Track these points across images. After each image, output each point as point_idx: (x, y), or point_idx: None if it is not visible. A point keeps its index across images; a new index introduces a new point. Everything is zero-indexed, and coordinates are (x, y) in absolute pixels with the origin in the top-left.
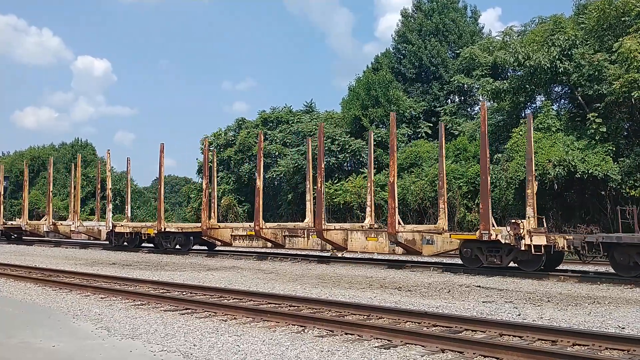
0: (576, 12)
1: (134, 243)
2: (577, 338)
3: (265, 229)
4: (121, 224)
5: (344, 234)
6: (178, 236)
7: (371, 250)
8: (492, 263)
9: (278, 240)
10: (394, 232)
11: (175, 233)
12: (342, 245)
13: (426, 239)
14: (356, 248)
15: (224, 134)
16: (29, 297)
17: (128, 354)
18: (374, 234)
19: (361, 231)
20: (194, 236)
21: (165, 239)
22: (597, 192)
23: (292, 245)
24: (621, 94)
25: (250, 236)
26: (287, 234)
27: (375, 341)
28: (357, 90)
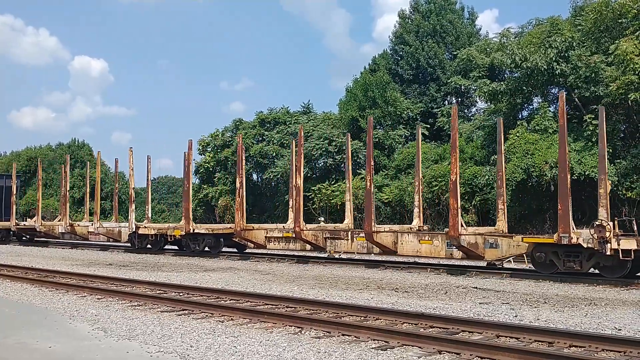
0: (573, 14)
1: (159, 245)
2: (574, 339)
3: (306, 230)
4: (145, 225)
5: (394, 237)
6: (207, 238)
7: (425, 254)
8: (571, 269)
9: (319, 242)
10: (456, 235)
11: (205, 234)
12: (391, 249)
13: (489, 242)
14: (407, 252)
15: (221, 135)
16: (25, 298)
17: (125, 355)
18: (428, 237)
19: (413, 233)
20: (224, 238)
21: (193, 241)
22: (593, 194)
23: (334, 248)
24: (618, 96)
25: (287, 238)
26: (328, 236)
27: (372, 342)
28: (355, 92)
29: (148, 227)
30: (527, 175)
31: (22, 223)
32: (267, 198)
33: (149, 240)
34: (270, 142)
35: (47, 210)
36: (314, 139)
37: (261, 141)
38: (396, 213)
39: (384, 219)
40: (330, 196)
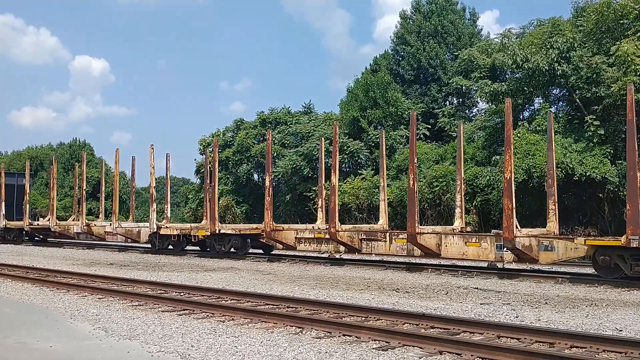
0: (574, 14)
1: (181, 246)
2: (575, 340)
3: (341, 231)
4: (166, 225)
5: (437, 238)
6: (234, 238)
7: (471, 257)
8: (638, 273)
9: (354, 244)
10: (511, 237)
11: (231, 235)
12: (435, 251)
13: (544, 244)
14: (452, 254)
15: (222, 135)
16: (26, 298)
17: (126, 355)
18: (475, 239)
19: (459, 235)
20: (251, 238)
21: (219, 242)
22: (594, 195)
23: (370, 249)
24: (619, 97)
25: (319, 239)
26: (364, 237)
27: (373, 343)
28: (356, 92)
29: (170, 227)
30: (528, 175)
31: (36, 223)
32: None
33: (171, 241)
34: (272, 142)
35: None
36: (315, 139)
37: (262, 141)
38: (397, 213)
39: None
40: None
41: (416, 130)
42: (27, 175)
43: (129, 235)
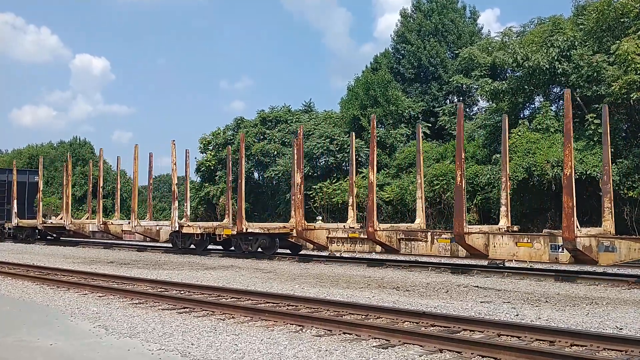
0: (575, 13)
1: (204, 245)
2: (575, 338)
3: (380, 230)
4: (189, 224)
5: (485, 239)
6: (262, 238)
7: (522, 258)
8: None
9: (392, 244)
10: (571, 237)
11: (259, 234)
12: (482, 252)
13: (604, 245)
14: (501, 255)
15: (222, 133)
16: (26, 296)
17: (126, 353)
18: (527, 239)
19: (509, 235)
20: (279, 238)
21: (245, 241)
22: (595, 193)
23: (410, 250)
24: (620, 96)
25: (353, 239)
26: (402, 237)
27: (373, 341)
28: (356, 90)
29: (193, 225)
30: (528, 174)
31: (49, 221)
32: (268, 197)
33: (193, 240)
34: (272, 140)
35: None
36: (316, 137)
37: (262, 140)
38: (397, 212)
39: (385, 218)
40: (331, 195)
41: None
42: (40, 172)
43: (148, 234)
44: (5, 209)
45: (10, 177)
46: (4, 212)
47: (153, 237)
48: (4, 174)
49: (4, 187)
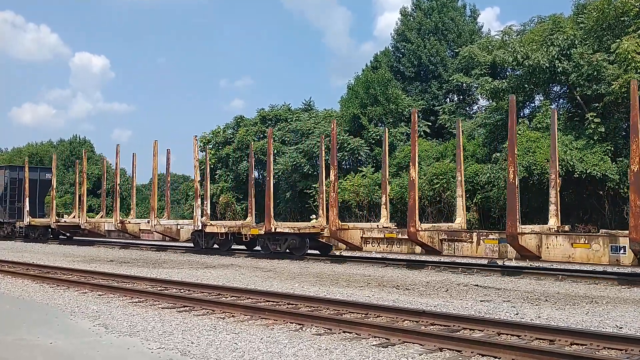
0: (575, 11)
1: (228, 245)
2: (575, 337)
3: (422, 230)
4: (212, 223)
5: (537, 239)
6: (291, 238)
7: (579, 260)
8: None
9: (435, 245)
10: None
11: (288, 234)
12: (534, 254)
13: None
14: (555, 257)
15: (222, 132)
16: (26, 294)
17: (126, 351)
18: (584, 239)
19: (564, 236)
20: (309, 238)
21: (273, 241)
22: (595, 192)
23: (453, 251)
24: (620, 94)
25: (390, 239)
26: (445, 237)
27: (373, 339)
28: (356, 89)
29: (217, 224)
30: (528, 173)
31: (63, 220)
32: None
33: (217, 240)
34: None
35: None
36: (315, 136)
37: (262, 138)
38: (397, 210)
39: None
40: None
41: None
42: (54, 169)
43: (168, 233)
44: (16, 207)
45: (22, 174)
46: (14, 210)
47: (173, 236)
48: (15, 171)
49: (15, 185)
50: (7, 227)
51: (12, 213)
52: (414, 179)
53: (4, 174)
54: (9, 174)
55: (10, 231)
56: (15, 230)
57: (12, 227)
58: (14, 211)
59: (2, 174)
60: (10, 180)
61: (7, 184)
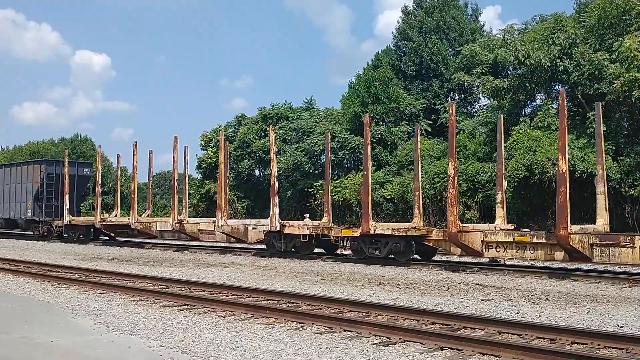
0: (577, 10)
1: (310, 249)
2: (576, 336)
3: (573, 234)
4: (291, 223)
5: None
6: (394, 241)
7: None
8: None
9: (585, 250)
10: None
11: (390, 237)
12: None
13: None
14: None
15: (223, 130)
16: (27, 292)
17: (127, 350)
18: None
19: None
20: (415, 241)
21: (372, 245)
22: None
23: (608, 258)
24: (621, 93)
25: (520, 243)
26: (596, 242)
27: (374, 338)
28: (357, 87)
29: (298, 225)
30: (529, 172)
31: (109, 219)
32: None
33: (300, 242)
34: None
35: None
36: (316, 134)
37: (263, 137)
38: (398, 209)
39: (385, 216)
40: (332, 192)
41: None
42: (99, 164)
43: (235, 234)
44: (52, 205)
45: (59, 169)
46: (51, 208)
47: (240, 237)
48: (52, 165)
49: (52, 181)
50: (43, 226)
51: (49, 211)
52: (564, 172)
53: (40, 169)
54: (46, 169)
55: (47, 231)
56: (51, 230)
57: (49, 227)
58: (50, 209)
59: (38, 169)
60: (47, 176)
61: (44, 180)
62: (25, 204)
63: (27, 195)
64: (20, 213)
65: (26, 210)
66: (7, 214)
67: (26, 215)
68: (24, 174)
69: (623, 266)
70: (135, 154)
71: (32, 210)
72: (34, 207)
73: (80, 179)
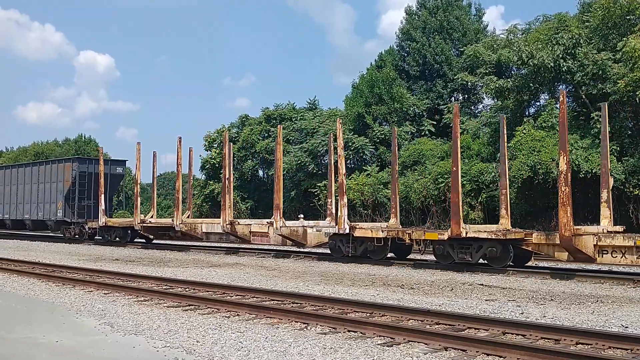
0: (581, 10)
1: (383, 254)
2: (581, 337)
3: None
4: (361, 226)
5: None
6: (488, 244)
7: None
8: None
9: None
10: None
11: (484, 240)
12: None
13: None
14: None
15: (227, 131)
16: (32, 293)
17: (131, 350)
18: None
19: None
20: (513, 245)
21: (462, 249)
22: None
23: None
24: (625, 93)
25: None
26: None
27: (378, 338)
28: (361, 88)
29: (370, 227)
30: (533, 172)
31: (149, 219)
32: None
33: (373, 246)
34: (276, 138)
35: None
36: (320, 135)
37: (267, 137)
38: (402, 209)
39: (389, 215)
40: (335, 192)
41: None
42: (138, 162)
43: (294, 236)
44: (85, 205)
45: (93, 167)
46: (83, 209)
47: (299, 240)
48: (85, 163)
49: (84, 180)
50: (75, 228)
51: (81, 212)
52: None
53: (72, 167)
54: (78, 167)
55: (79, 233)
56: (83, 231)
57: (81, 228)
58: (83, 210)
59: (69, 167)
60: (79, 175)
61: (76, 179)
62: (55, 204)
63: (57, 195)
64: (49, 214)
65: (56, 210)
66: (35, 215)
67: (56, 216)
68: (53, 173)
69: (627, 267)
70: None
71: (62, 211)
72: (65, 207)
73: (112, 178)
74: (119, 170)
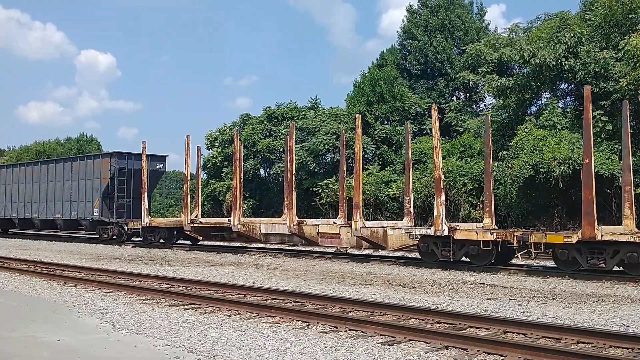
0: (582, 9)
1: (488, 259)
2: (582, 336)
3: None
4: (462, 227)
5: None
6: (627, 249)
7: None
8: None
9: None
10: None
11: (623, 244)
12: None
13: None
14: None
15: (228, 130)
16: (33, 292)
17: (133, 349)
18: None
19: None
20: None
21: (593, 254)
22: (602, 190)
23: None
24: (628, 92)
25: None
26: None
27: (379, 337)
28: (362, 87)
29: (474, 229)
30: (535, 171)
31: (199, 219)
32: (274, 193)
33: (478, 250)
34: (278, 137)
35: None
36: (322, 134)
37: (268, 136)
38: (404, 209)
39: (391, 215)
40: (337, 191)
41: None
42: (188, 157)
43: (374, 238)
44: (125, 204)
45: (132, 163)
46: (122, 207)
47: (379, 242)
48: (124, 159)
49: (123, 177)
50: (114, 228)
51: (120, 211)
52: None
53: (110, 163)
54: (117, 163)
55: (117, 233)
56: (122, 232)
57: (120, 229)
58: (122, 209)
59: (107, 163)
60: (118, 171)
61: (115, 176)
62: (92, 203)
63: (93, 192)
64: (84, 213)
65: (92, 210)
66: (67, 214)
67: (92, 215)
68: (89, 169)
69: None
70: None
71: (99, 210)
72: (102, 206)
73: (152, 174)
74: (159, 166)
